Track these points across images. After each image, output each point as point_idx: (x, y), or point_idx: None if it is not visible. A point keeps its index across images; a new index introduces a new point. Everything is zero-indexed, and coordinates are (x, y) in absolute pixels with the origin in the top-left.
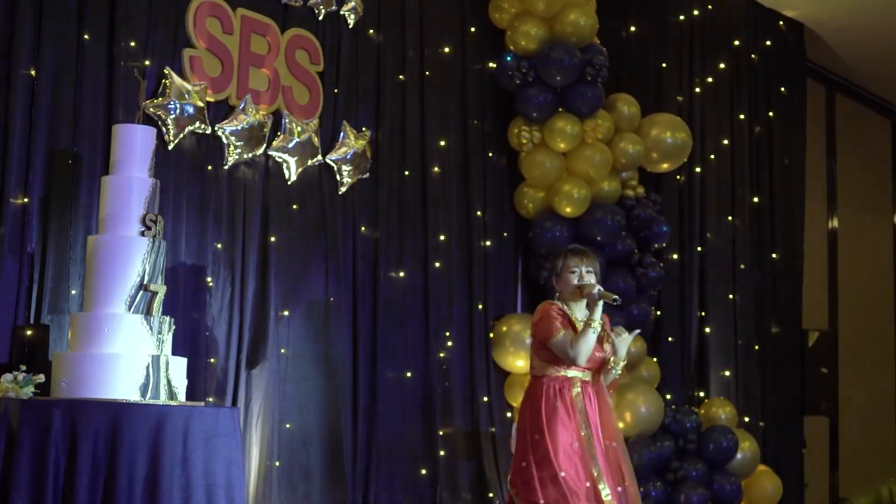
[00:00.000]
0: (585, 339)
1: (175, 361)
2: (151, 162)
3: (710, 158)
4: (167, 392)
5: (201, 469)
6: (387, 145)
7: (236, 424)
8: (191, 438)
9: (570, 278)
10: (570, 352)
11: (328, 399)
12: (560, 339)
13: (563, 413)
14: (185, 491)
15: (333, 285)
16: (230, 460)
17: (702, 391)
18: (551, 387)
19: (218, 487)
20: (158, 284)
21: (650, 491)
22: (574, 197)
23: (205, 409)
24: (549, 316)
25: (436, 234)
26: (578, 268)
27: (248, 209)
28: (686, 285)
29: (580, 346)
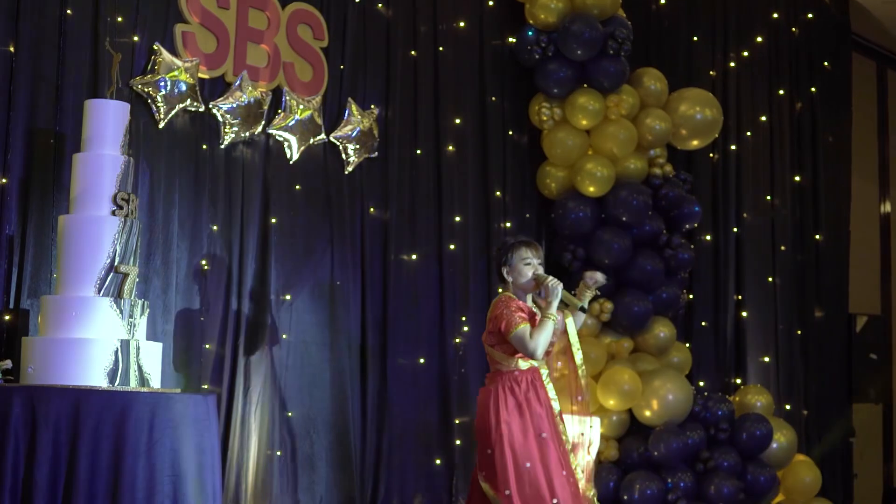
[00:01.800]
0: (544, 330)
1: (148, 346)
2: (125, 139)
3: (747, 135)
4: (137, 378)
5: (168, 458)
6: (397, 123)
7: (211, 411)
8: (157, 426)
9: (525, 270)
10: (529, 344)
11: (334, 386)
12: (520, 332)
13: (536, 404)
14: (149, 481)
15: (340, 268)
16: (202, 449)
17: (738, 378)
18: (524, 379)
19: (186, 477)
20: (130, 266)
21: (678, 482)
22: (597, 175)
23: (173, 396)
24: (510, 307)
25: (451, 214)
26: (532, 260)
27: (248, 190)
28: (721, 268)
29: (539, 338)
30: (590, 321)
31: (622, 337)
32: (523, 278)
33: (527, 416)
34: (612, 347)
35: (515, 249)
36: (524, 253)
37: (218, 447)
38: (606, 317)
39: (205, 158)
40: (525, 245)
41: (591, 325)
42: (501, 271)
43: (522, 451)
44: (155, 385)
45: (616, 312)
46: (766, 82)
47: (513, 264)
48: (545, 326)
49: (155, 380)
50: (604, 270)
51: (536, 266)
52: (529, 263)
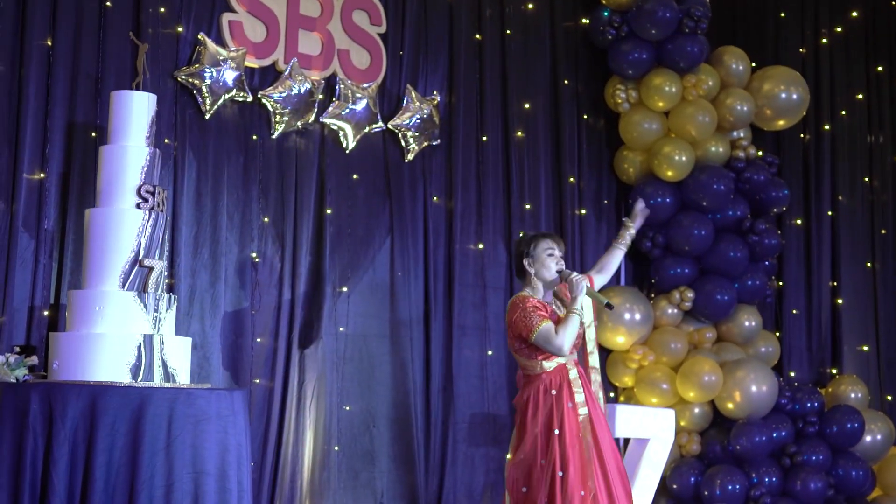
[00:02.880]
0: (570, 325)
1: (174, 341)
2: (150, 130)
3: (841, 115)
4: (162, 374)
5: (189, 455)
6: (461, 110)
7: (237, 407)
8: (176, 422)
9: (549, 262)
10: (554, 341)
11: (395, 379)
12: (543, 330)
13: (561, 405)
14: (167, 478)
15: (401, 259)
16: (225, 446)
17: (834, 368)
18: (553, 380)
19: (207, 475)
20: (155, 260)
21: (763, 477)
22: (675, 159)
23: (194, 392)
24: (526, 309)
25: (520, 202)
26: (555, 250)
27: (301, 180)
28: (813, 253)
29: (565, 334)
30: (670, 310)
31: (704, 326)
32: (547, 270)
33: (551, 420)
34: (693, 337)
35: (539, 240)
36: (548, 243)
37: (246, 444)
38: (687, 305)
39: (255, 149)
40: (548, 237)
41: (672, 314)
42: (522, 263)
43: (540, 450)
44: (182, 381)
45: (697, 301)
46: (863, 59)
47: (536, 255)
48: (570, 321)
49: (182, 375)
50: (685, 258)
51: (559, 259)
52: (553, 255)
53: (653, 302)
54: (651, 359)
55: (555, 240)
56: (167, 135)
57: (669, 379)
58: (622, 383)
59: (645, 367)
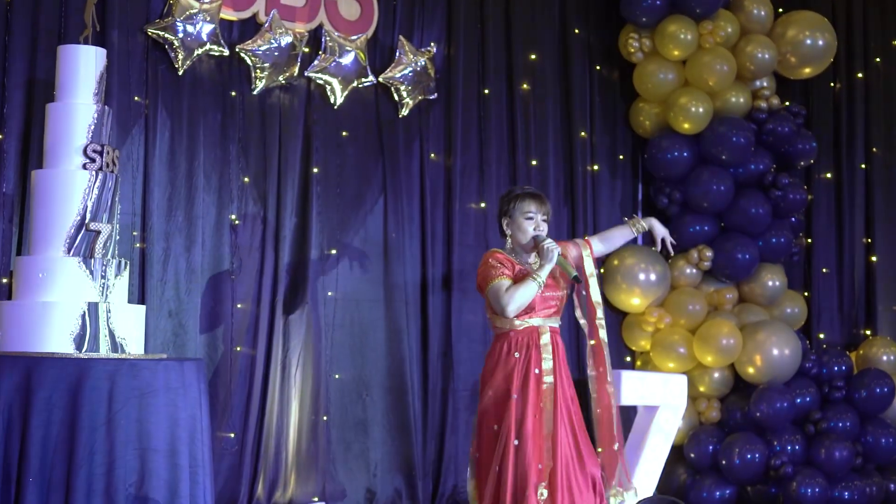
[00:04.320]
0: (523, 290)
1: (123, 309)
2: (100, 86)
3: (875, 62)
4: (108, 344)
5: (134, 431)
6: (461, 62)
7: (188, 378)
8: (118, 396)
9: (526, 225)
10: (501, 298)
11: (390, 346)
12: (495, 286)
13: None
14: (109, 455)
15: (395, 219)
16: (174, 420)
17: (867, 330)
18: (518, 342)
19: (154, 452)
20: (102, 223)
21: (785, 445)
22: (692, 111)
23: (138, 363)
24: (488, 262)
25: (526, 158)
26: (535, 214)
27: (285, 138)
28: (845, 209)
29: (515, 295)
30: (689, 270)
31: (725, 286)
32: (523, 234)
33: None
34: (713, 298)
35: (519, 200)
36: (528, 206)
37: (202, 417)
38: (706, 265)
39: (234, 106)
40: (531, 197)
41: (691, 274)
42: (501, 223)
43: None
44: (134, 351)
45: (717, 260)
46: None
47: (514, 216)
48: (525, 285)
49: (133, 345)
50: (703, 215)
51: (540, 223)
52: (531, 218)
53: (670, 262)
54: (668, 321)
55: (537, 202)
56: (137, 92)
57: (687, 342)
58: (638, 347)
59: (661, 331)
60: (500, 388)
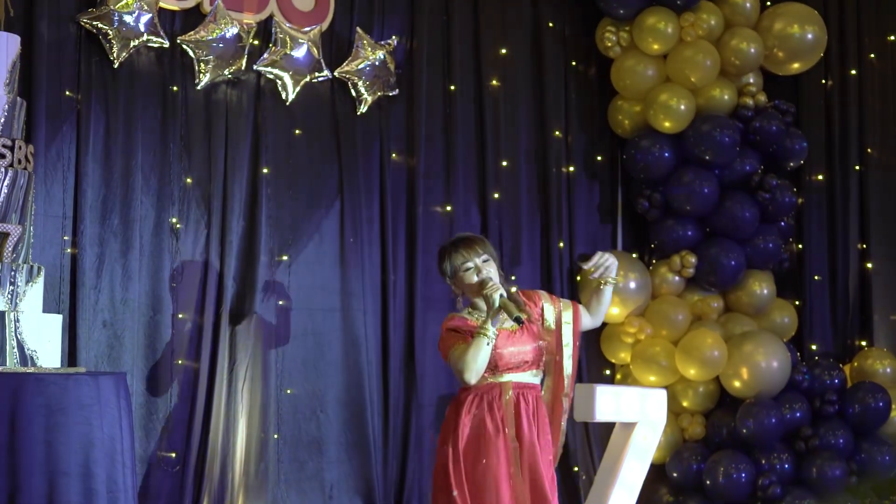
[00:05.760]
0: (474, 351)
1: (35, 319)
2: (11, 76)
3: (870, 58)
4: (17, 357)
5: (40, 452)
6: (425, 56)
7: (104, 394)
8: (21, 413)
9: (468, 277)
10: (456, 367)
11: (347, 358)
12: (453, 356)
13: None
14: (12, 480)
15: (352, 223)
16: (90, 440)
17: (863, 340)
18: (476, 398)
19: (65, 476)
20: (11, 225)
21: (774, 464)
22: (673, 108)
23: (45, 377)
24: (444, 331)
25: (496, 159)
26: (471, 262)
27: (233, 136)
28: (838, 212)
29: (466, 359)
30: (671, 277)
31: (710, 295)
32: (469, 288)
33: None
34: (698, 307)
35: (448, 258)
36: (457, 259)
37: (123, 437)
38: (690, 272)
39: (175, 101)
40: (457, 248)
41: (673, 281)
42: (450, 286)
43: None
44: (47, 364)
45: (701, 267)
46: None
47: (453, 276)
48: (474, 345)
49: (46, 358)
50: (686, 218)
51: (480, 266)
52: (469, 268)
53: (651, 269)
54: (649, 332)
55: (465, 249)
56: (68, 86)
57: (669, 355)
58: (617, 359)
59: (642, 342)
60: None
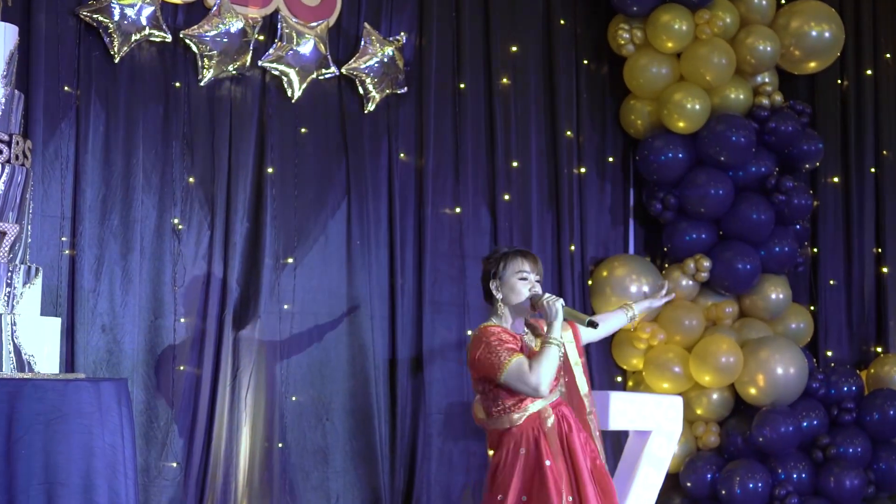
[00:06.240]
0: (548, 359)
1: (33, 322)
2: (9, 68)
3: (886, 58)
4: (14, 362)
5: (39, 463)
6: (434, 53)
7: (106, 402)
8: (19, 422)
9: (520, 286)
10: (529, 379)
11: (353, 365)
12: (514, 367)
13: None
14: (8, 491)
15: (359, 226)
16: (90, 450)
17: (879, 346)
18: (524, 436)
19: (64, 487)
20: (8, 223)
21: (790, 473)
22: (688, 108)
23: (44, 384)
24: (491, 343)
25: (506, 160)
26: (529, 274)
27: (237, 134)
28: (854, 215)
29: (541, 369)
30: (685, 282)
31: (725, 299)
32: (517, 296)
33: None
34: (712, 312)
35: (510, 260)
36: (521, 264)
37: (124, 446)
38: (704, 276)
39: (178, 98)
40: (523, 255)
41: (687, 286)
42: (489, 286)
43: None
44: (45, 370)
45: (716, 270)
46: None
47: (504, 278)
48: (547, 353)
49: (45, 363)
50: (700, 221)
51: (534, 283)
52: (526, 278)
53: (664, 272)
54: (661, 338)
55: (529, 260)
56: (67, 81)
57: (683, 361)
58: (630, 366)
59: (655, 348)
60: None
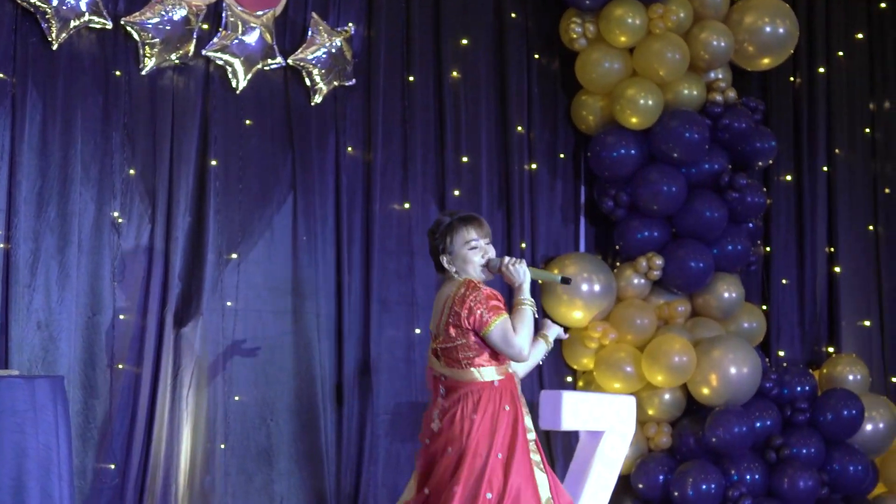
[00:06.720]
0: (526, 321)
1: None
2: None
3: (839, 56)
4: None
5: None
6: (382, 45)
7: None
8: None
9: (472, 256)
10: (514, 341)
11: (299, 364)
12: (500, 325)
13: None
14: None
15: (305, 221)
16: (21, 450)
17: (831, 346)
18: (506, 393)
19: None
20: None
21: (744, 475)
22: (640, 103)
23: None
24: (479, 296)
25: (456, 155)
26: (478, 241)
27: (179, 125)
28: (806, 214)
29: (524, 332)
30: (636, 280)
31: (677, 298)
32: (471, 266)
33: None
34: (664, 311)
35: (455, 231)
36: (467, 234)
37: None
38: (656, 274)
39: (118, 87)
40: (466, 223)
41: (639, 284)
42: (440, 261)
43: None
44: None
45: (668, 269)
46: None
47: (454, 251)
48: (524, 315)
49: None
50: (653, 219)
51: (485, 248)
52: (476, 247)
53: (616, 271)
54: (613, 337)
55: (475, 226)
56: (3, 68)
57: (634, 360)
58: (580, 365)
59: (606, 347)
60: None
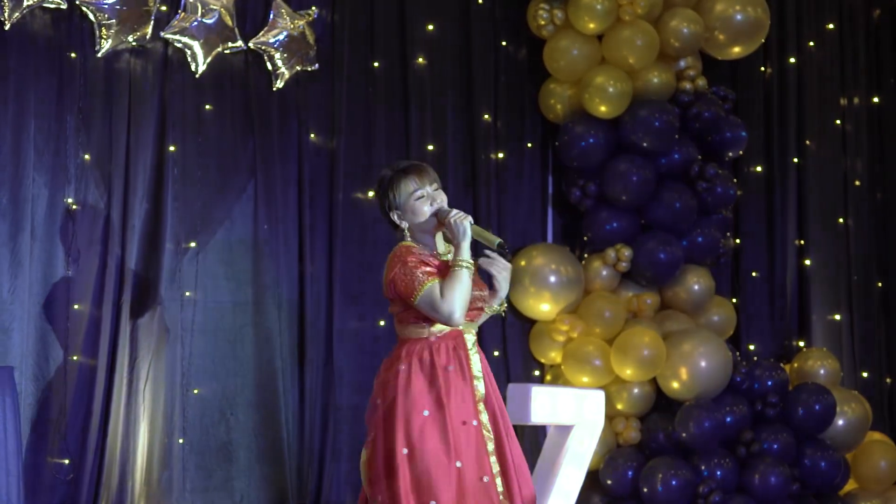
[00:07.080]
0: (458, 283)
1: None
2: None
3: (809, 46)
4: None
5: None
6: (347, 30)
7: None
8: None
9: (419, 206)
10: (442, 306)
11: (259, 356)
12: (428, 292)
13: (457, 381)
14: None
15: (267, 210)
16: None
17: (801, 340)
18: (442, 346)
19: None
20: None
21: (714, 470)
22: (609, 91)
23: None
24: (407, 264)
25: (421, 143)
26: (423, 189)
27: (136, 110)
28: (776, 206)
29: (454, 296)
30: (605, 272)
31: (645, 291)
32: (421, 218)
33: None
34: (632, 304)
35: (398, 184)
36: (410, 185)
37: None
38: (624, 266)
39: (73, 70)
40: (407, 174)
41: (607, 276)
42: (391, 217)
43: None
44: None
45: (637, 260)
46: None
47: (402, 205)
48: (458, 278)
49: None
50: (621, 210)
51: (432, 195)
52: (423, 196)
53: (584, 262)
54: (581, 330)
55: (417, 174)
56: None
57: (603, 354)
58: (548, 359)
59: (574, 340)
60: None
